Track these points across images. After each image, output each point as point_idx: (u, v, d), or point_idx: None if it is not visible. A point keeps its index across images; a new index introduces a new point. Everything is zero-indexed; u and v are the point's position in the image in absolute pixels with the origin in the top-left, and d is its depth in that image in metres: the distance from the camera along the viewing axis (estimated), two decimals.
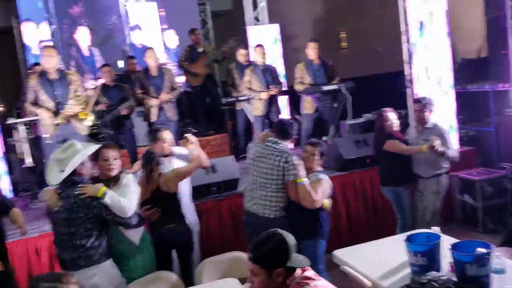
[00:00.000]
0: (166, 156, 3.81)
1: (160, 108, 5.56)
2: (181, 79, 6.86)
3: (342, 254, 3.12)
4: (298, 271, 2.06)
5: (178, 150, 3.93)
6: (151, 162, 3.50)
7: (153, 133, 3.97)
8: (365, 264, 2.91)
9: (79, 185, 2.94)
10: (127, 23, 7.03)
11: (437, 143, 3.98)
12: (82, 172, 3.01)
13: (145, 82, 5.56)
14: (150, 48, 5.79)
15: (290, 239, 2.06)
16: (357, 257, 3.05)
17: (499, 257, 2.53)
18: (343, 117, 6.00)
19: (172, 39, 7.37)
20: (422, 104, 4.29)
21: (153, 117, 5.55)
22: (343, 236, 4.88)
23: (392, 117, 4.30)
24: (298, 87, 6.00)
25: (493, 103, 5.73)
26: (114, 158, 3.22)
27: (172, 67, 6.86)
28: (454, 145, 4.29)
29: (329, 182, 3.70)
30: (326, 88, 5.71)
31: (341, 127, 6.08)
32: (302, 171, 3.50)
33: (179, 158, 3.87)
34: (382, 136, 4.31)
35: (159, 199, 3.44)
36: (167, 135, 3.88)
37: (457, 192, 5.34)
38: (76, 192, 2.90)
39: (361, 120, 6.19)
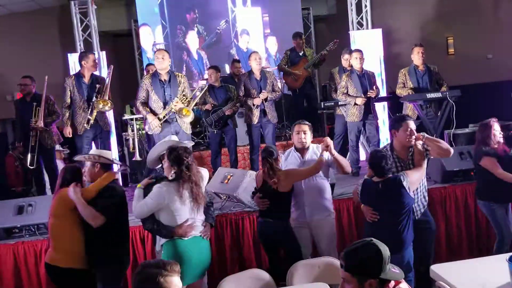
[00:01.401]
0: (301, 149, 3.89)
1: (262, 110, 5.79)
2: (280, 83, 7.05)
3: (439, 269, 3.05)
4: (392, 283, 2.03)
5: (314, 148, 3.95)
6: (269, 157, 3.67)
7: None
8: (462, 282, 2.83)
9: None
10: (234, 28, 7.37)
11: None
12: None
13: (249, 84, 5.83)
14: (255, 52, 6.02)
15: (385, 249, 2.03)
16: (454, 274, 2.97)
17: None
18: (447, 127, 5.78)
19: (273, 45, 7.58)
20: None
21: (255, 118, 5.80)
22: (441, 251, 4.72)
23: (496, 129, 4.11)
24: (400, 92, 5.88)
25: None
26: None
27: (272, 70, 7.08)
28: None
29: None
30: (430, 95, 5.53)
31: (444, 137, 5.85)
32: None
33: (312, 155, 3.89)
34: (481, 150, 4.15)
35: (270, 193, 3.64)
36: (304, 127, 3.87)
37: None
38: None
39: (466, 130, 5.91)
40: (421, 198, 3.72)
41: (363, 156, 6.30)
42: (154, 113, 5.06)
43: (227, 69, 7.43)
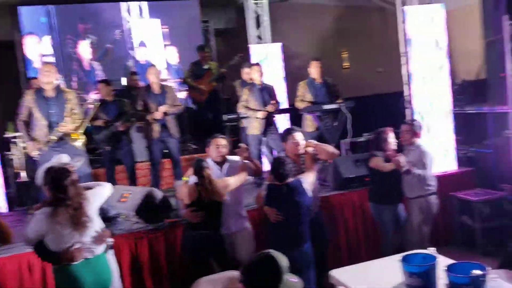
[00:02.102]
0: (220, 163, 4.00)
1: (163, 125, 5.59)
2: (181, 95, 6.91)
3: (339, 274, 3.11)
4: None
5: (232, 158, 4.08)
6: (200, 169, 3.68)
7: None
8: (361, 285, 2.89)
9: None
10: (130, 39, 7.12)
11: (401, 160, 4.15)
12: None
13: (147, 98, 5.60)
14: (153, 65, 5.83)
15: (282, 260, 2.03)
16: (353, 277, 3.03)
17: (495, 280, 2.52)
18: (344, 136, 6.03)
19: (174, 55, 7.45)
20: (409, 126, 4.43)
21: (155, 133, 5.57)
22: (341, 256, 4.86)
23: (390, 136, 4.38)
24: (298, 105, 6.03)
25: (492, 125, 5.76)
26: None
27: (173, 83, 6.92)
28: (431, 169, 4.37)
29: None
30: (326, 107, 5.75)
31: (341, 146, 6.10)
32: None
33: (231, 165, 4.02)
34: (371, 153, 4.46)
35: (204, 205, 3.66)
36: (223, 141, 4.03)
37: (456, 213, 5.34)
38: None
39: (361, 139, 6.21)
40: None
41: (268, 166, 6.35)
42: (34, 137, 4.56)
43: (124, 81, 7.13)
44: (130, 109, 5.64)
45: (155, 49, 6.99)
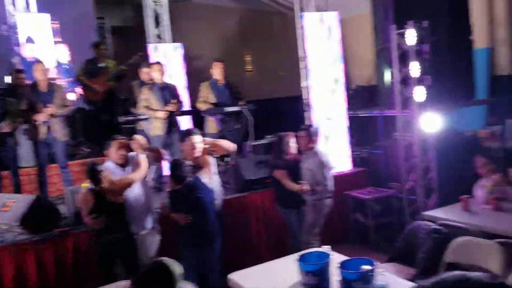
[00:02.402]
0: (122, 164, 3.89)
1: (48, 127, 5.16)
2: (72, 96, 6.45)
3: (238, 277, 3.08)
4: None
5: (131, 154, 3.97)
6: (94, 173, 3.58)
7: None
8: (257, 285, 2.90)
9: None
10: (15, 35, 6.50)
11: (304, 188, 4.28)
12: None
13: (33, 97, 5.14)
14: (39, 61, 5.39)
15: (175, 269, 2.00)
16: (251, 279, 3.03)
17: (383, 274, 2.65)
18: (246, 139, 6.06)
19: (65, 53, 6.96)
20: (306, 132, 4.55)
21: (41, 135, 5.12)
22: (243, 258, 4.84)
23: (290, 141, 4.47)
24: (200, 106, 5.95)
25: (382, 127, 6.15)
26: None
27: (63, 82, 6.45)
28: (328, 174, 4.54)
29: None
30: (228, 109, 5.73)
31: (244, 148, 6.12)
32: None
33: (132, 162, 3.91)
34: (274, 162, 4.57)
35: (105, 209, 3.58)
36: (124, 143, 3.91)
37: (350, 211, 5.61)
38: None
39: (263, 141, 6.28)
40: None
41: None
42: None
43: (9, 79, 6.50)
44: (15, 109, 5.14)
45: (44, 45, 6.46)
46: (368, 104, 6.96)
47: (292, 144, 4.49)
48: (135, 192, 3.87)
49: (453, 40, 5.31)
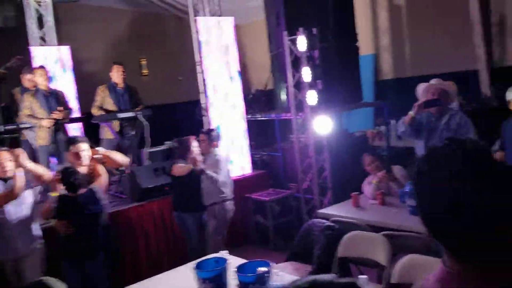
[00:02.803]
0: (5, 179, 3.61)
1: None
2: None
3: None
4: None
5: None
6: None
7: None
8: None
9: None
10: None
11: (198, 158, 4.29)
12: None
13: None
14: None
15: (58, 286, 1.88)
16: None
17: (278, 274, 2.71)
18: (143, 146, 5.88)
19: None
20: (206, 135, 4.59)
21: None
22: (142, 269, 4.69)
23: (193, 145, 4.44)
24: (94, 112, 5.67)
25: (279, 130, 6.34)
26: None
27: None
28: (227, 177, 4.60)
29: None
30: (121, 115, 5.51)
31: (142, 155, 5.94)
32: None
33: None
34: (173, 163, 4.46)
35: None
36: (5, 155, 3.57)
37: (251, 214, 5.70)
38: None
39: (161, 147, 6.14)
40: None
41: None
42: None
43: None
44: None
45: None
46: (266, 108, 7.14)
47: (195, 149, 4.45)
48: (16, 208, 3.56)
49: (340, 46, 5.62)
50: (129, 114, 5.48)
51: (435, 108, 4.06)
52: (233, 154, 5.64)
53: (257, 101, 7.59)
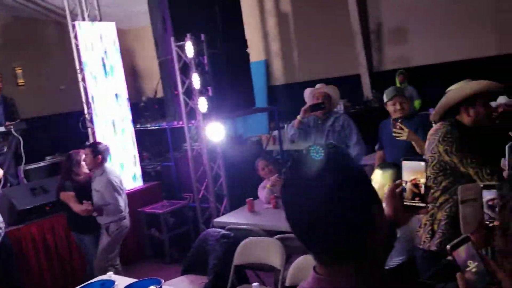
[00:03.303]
0: None
1: None
2: None
3: None
4: None
5: None
6: None
7: None
8: None
9: None
10: None
11: (86, 208, 4.02)
12: None
13: None
14: None
15: None
16: None
17: None
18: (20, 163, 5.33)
19: None
20: (90, 149, 4.25)
21: None
22: None
23: (81, 159, 4.21)
24: None
25: (171, 139, 6.15)
26: None
27: None
28: (122, 193, 4.30)
29: None
30: None
31: (19, 173, 5.38)
32: None
33: None
34: (60, 184, 4.21)
35: None
36: None
37: (145, 228, 5.44)
38: None
39: (42, 164, 5.63)
40: None
41: None
42: None
43: None
44: None
45: None
46: (158, 116, 6.91)
47: (84, 163, 4.21)
48: None
49: (230, 53, 5.60)
50: (1, 129, 4.93)
51: (321, 111, 4.20)
52: (123, 168, 5.34)
53: (149, 109, 7.33)
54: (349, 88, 8.32)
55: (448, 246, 1.10)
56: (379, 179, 3.03)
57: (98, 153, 4.21)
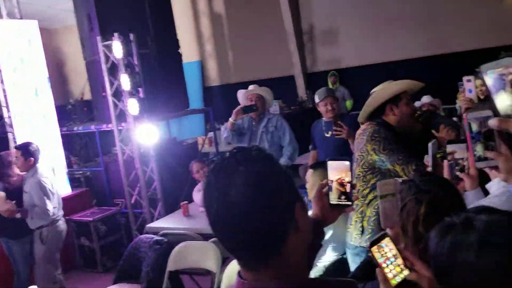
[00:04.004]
0: None
1: None
2: None
3: None
4: None
5: None
6: None
7: None
8: None
9: None
10: None
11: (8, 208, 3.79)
12: None
13: None
14: None
15: None
16: None
17: None
18: None
19: None
20: (19, 152, 4.04)
21: None
22: None
23: (12, 160, 4.04)
24: None
25: (100, 143, 5.90)
26: None
27: None
28: (52, 195, 4.06)
29: None
30: None
31: None
32: None
33: None
34: None
35: None
36: None
37: (75, 236, 5.17)
38: None
39: None
40: None
41: None
42: None
43: None
44: None
45: None
46: (87, 119, 6.61)
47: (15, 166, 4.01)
48: None
49: (162, 53, 5.46)
50: None
51: (255, 112, 4.19)
52: (50, 173, 5.03)
53: (77, 112, 7.01)
54: (284, 89, 8.42)
55: (367, 243, 1.12)
56: (311, 178, 3.06)
57: (30, 155, 4.02)
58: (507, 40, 6.31)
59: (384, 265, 1.10)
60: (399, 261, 1.10)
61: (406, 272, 1.08)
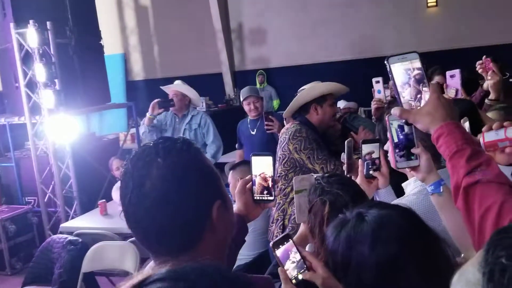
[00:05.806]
0: None
1: None
2: None
3: None
4: None
5: None
6: None
7: None
8: None
9: None
10: None
11: None
12: None
13: None
14: None
15: None
16: None
17: None
18: None
19: None
20: None
21: None
22: None
23: None
24: None
25: (12, 137, 5.50)
26: None
27: None
28: None
29: None
30: None
31: None
32: None
33: None
34: None
35: None
36: None
37: None
38: None
39: None
40: None
41: None
42: None
43: None
44: None
45: None
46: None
47: None
48: None
49: (82, 44, 5.21)
50: None
51: (177, 109, 4.13)
52: None
53: None
54: (212, 86, 8.37)
55: (270, 244, 1.13)
56: (231, 179, 3.08)
57: None
58: (425, 46, 6.74)
59: (286, 266, 1.11)
60: (301, 261, 1.12)
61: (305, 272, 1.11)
